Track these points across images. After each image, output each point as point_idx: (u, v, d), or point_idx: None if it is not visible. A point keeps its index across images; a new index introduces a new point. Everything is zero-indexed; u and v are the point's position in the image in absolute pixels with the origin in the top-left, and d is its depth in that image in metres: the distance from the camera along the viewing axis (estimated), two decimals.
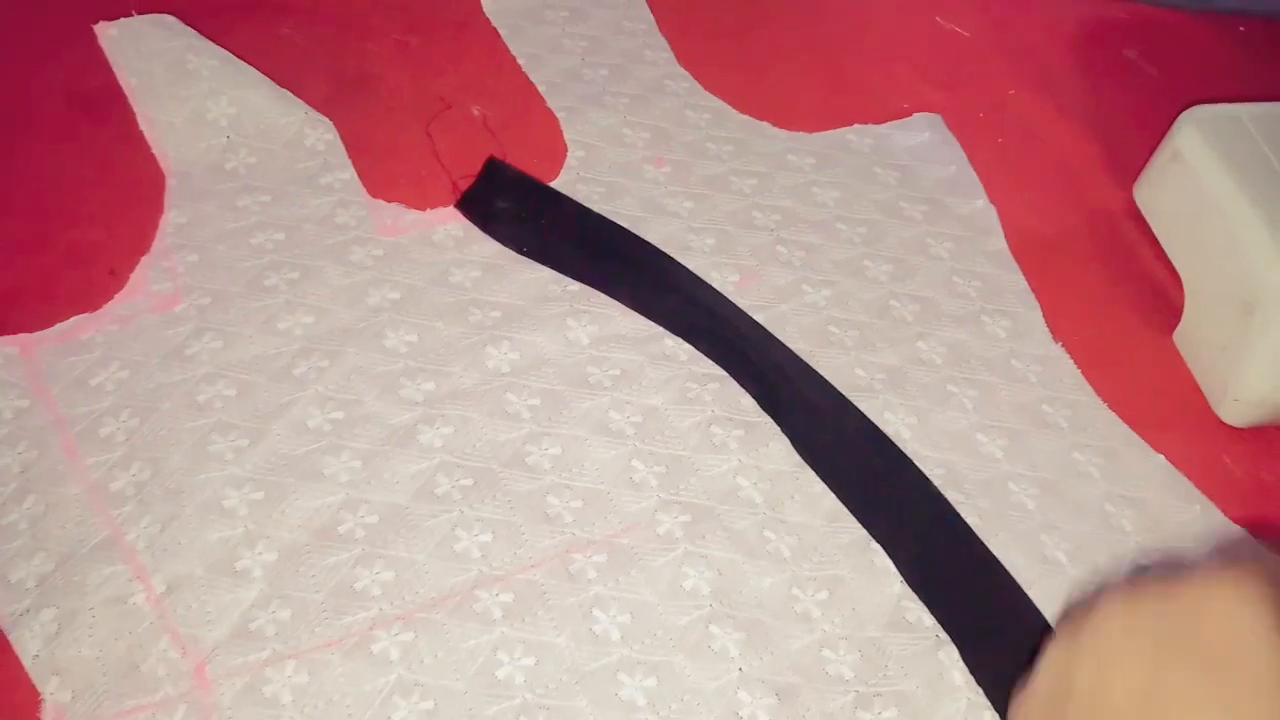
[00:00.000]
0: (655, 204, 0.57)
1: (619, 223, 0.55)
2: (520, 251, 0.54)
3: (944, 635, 0.44)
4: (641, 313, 0.52)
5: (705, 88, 0.63)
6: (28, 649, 0.39)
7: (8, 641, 0.39)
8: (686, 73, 0.64)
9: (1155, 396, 0.54)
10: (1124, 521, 0.49)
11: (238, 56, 0.58)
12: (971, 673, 0.43)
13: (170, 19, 0.58)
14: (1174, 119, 0.58)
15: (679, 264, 0.54)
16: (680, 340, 0.51)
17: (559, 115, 0.60)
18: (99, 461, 0.44)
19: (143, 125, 0.55)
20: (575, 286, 0.53)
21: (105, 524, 0.42)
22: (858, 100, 0.65)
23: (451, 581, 0.42)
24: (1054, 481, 0.49)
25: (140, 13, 0.58)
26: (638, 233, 0.55)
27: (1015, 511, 0.48)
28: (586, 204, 0.56)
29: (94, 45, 0.57)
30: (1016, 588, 0.45)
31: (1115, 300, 0.57)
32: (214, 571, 0.41)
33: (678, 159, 0.59)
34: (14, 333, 0.47)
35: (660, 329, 0.51)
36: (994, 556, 0.46)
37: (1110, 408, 0.53)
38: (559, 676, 0.41)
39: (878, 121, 0.64)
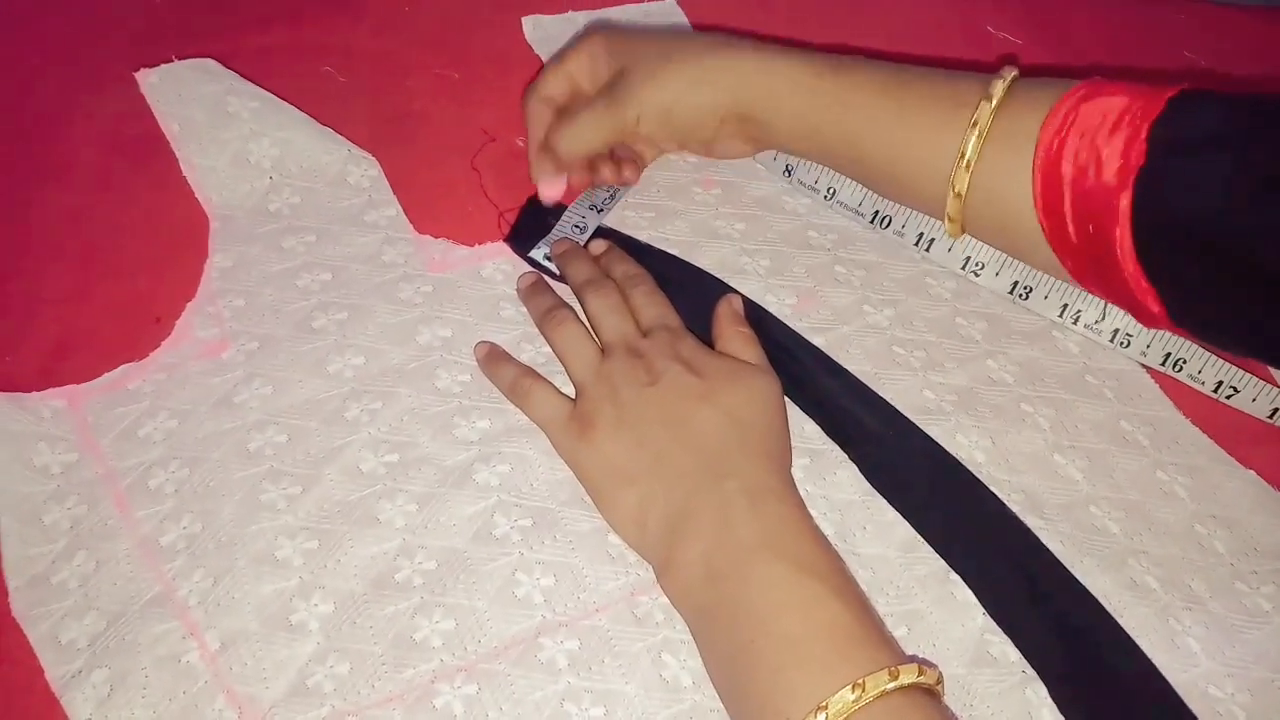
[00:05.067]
0: (706, 227, 0.55)
1: (669, 248, 0.54)
2: (566, 283, 0.52)
3: (1031, 671, 0.41)
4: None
5: None
6: (80, 712, 0.38)
7: (60, 705, 0.38)
8: None
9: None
10: (1216, 543, 0.46)
11: (279, 97, 0.57)
12: (1061, 712, 0.41)
13: (210, 63, 0.57)
14: None
15: (732, 289, 0.52)
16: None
17: None
18: (149, 514, 0.43)
19: (185, 170, 0.54)
20: None
21: (157, 579, 0.41)
22: None
23: (514, 629, 0.41)
24: (1138, 503, 0.47)
25: (180, 58, 0.57)
26: (689, 257, 0.54)
27: (1099, 536, 0.46)
28: (635, 230, 0.55)
29: (133, 92, 0.56)
30: (1106, 617, 0.43)
31: None
32: (269, 626, 0.40)
33: (726, 179, 0.58)
34: (61, 385, 0.46)
35: None
36: (1081, 584, 0.44)
37: (1193, 422, 0.50)
38: None
39: None
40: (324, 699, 0.38)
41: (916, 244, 0.54)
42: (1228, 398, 0.50)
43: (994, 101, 0.45)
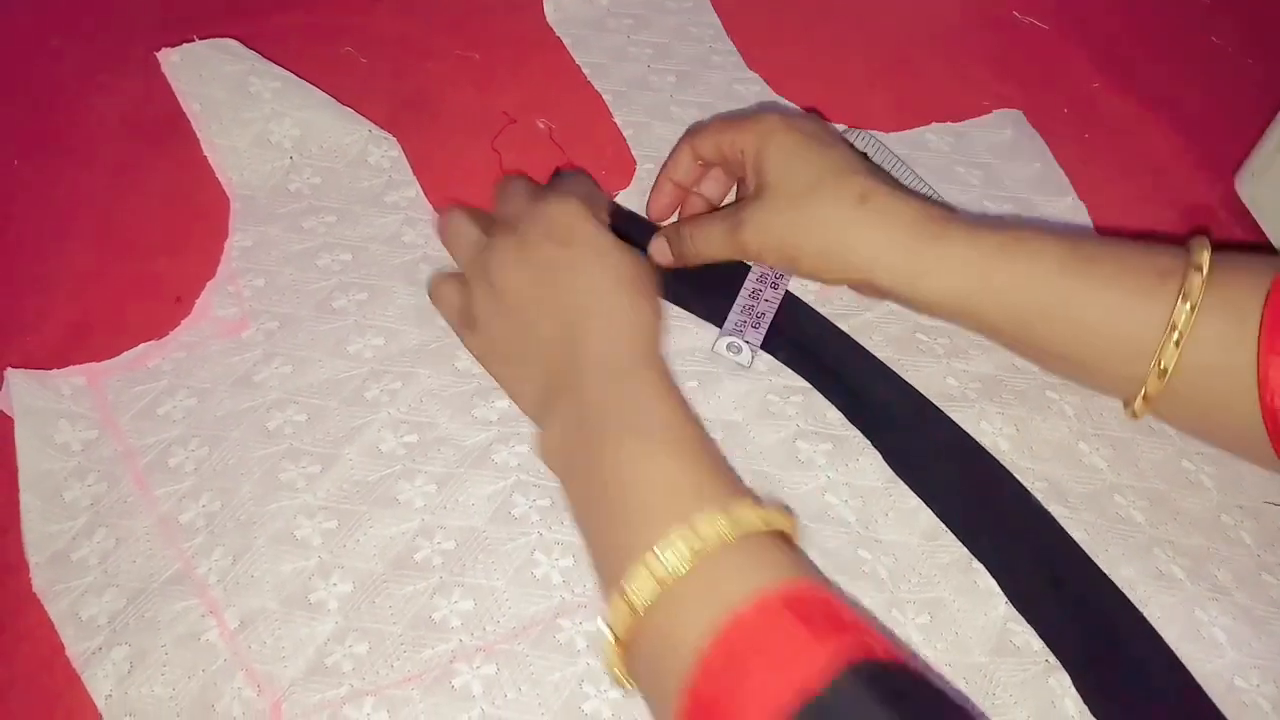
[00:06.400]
0: None
1: None
2: None
3: (1054, 660, 0.41)
4: (716, 324, 0.50)
5: (776, 90, 0.61)
6: (100, 689, 0.38)
7: (80, 681, 0.38)
8: (756, 75, 0.62)
9: None
10: (1243, 533, 0.45)
11: (300, 78, 0.57)
12: (1085, 701, 0.40)
13: (231, 43, 0.57)
14: (1269, 106, 0.55)
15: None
16: (760, 351, 0.49)
17: (625, 131, 0.59)
18: (168, 492, 0.43)
19: (206, 149, 0.54)
20: None
21: (176, 557, 0.41)
22: (934, 98, 0.63)
23: (532, 610, 0.40)
24: (1164, 492, 0.46)
25: (201, 38, 0.57)
26: None
27: (1124, 525, 0.45)
28: None
29: (154, 72, 0.56)
30: (1130, 606, 0.42)
31: None
32: (288, 605, 0.40)
33: None
34: (81, 362, 0.46)
35: None
36: (1104, 574, 0.43)
37: None
38: (647, 710, 0.38)
39: (956, 120, 0.61)
40: (343, 678, 0.38)
41: None
42: None
43: (1203, 272, 0.41)
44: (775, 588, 0.33)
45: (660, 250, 0.51)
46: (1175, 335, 0.41)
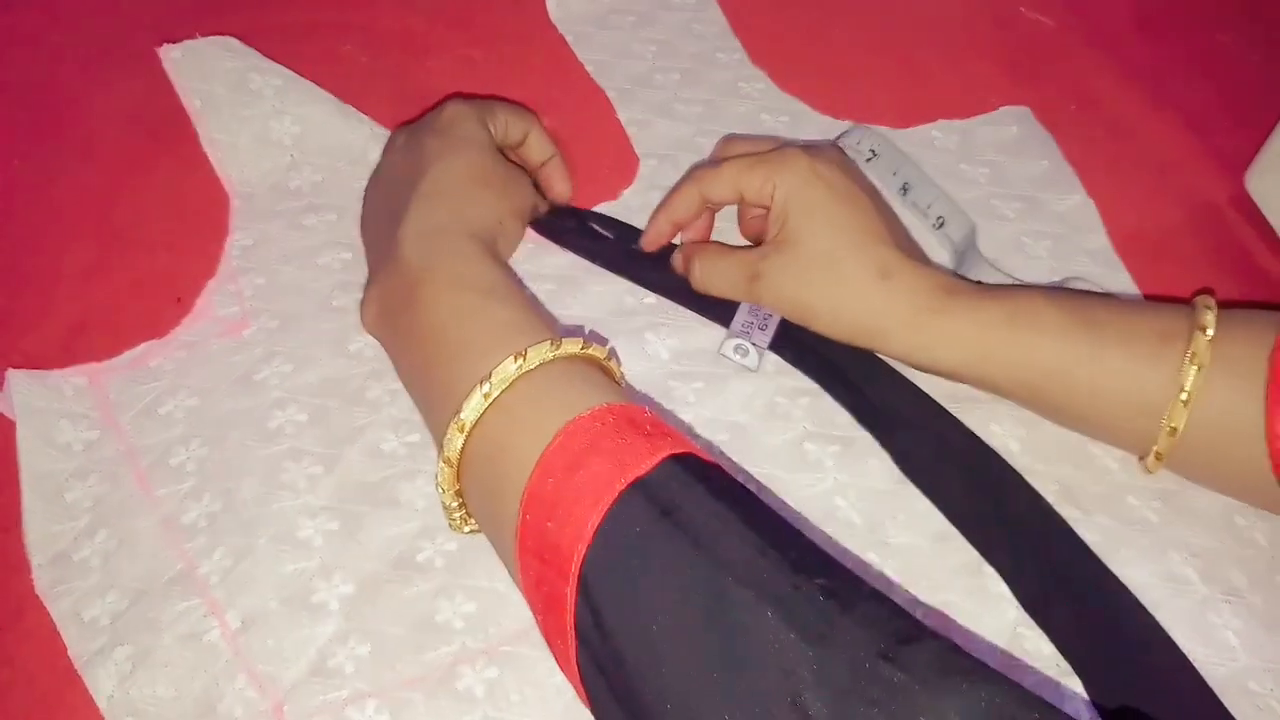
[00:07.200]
0: (734, 211, 0.54)
1: None
2: (595, 261, 0.52)
3: (1065, 665, 0.41)
4: (723, 324, 0.49)
5: (781, 88, 0.61)
6: (102, 689, 0.37)
7: (82, 682, 0.38)
8: (761, 73, 0.62)
9: None
10: (1256, 535, 0.45)
11: (301, 76, 0.56)
12: (1095, 705, 0.40)
13: (232, 41, 0.57)
14: (1278, 103, 0.54)
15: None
16: (767, 353, 0.49)
17: (629, 129, 0.58)
18: (170, 493, 0.42)
19: (206, 147, 0.54)
20: (652, 299, 0.51)
21: (178, 558, 0.41)
22: (940, 96, 0.62)
23: None
24: (1176, 493, 0.46)
25: (203, 35, 0.57)
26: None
27: (1137, 526, 0.45)
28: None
29: (156, 68, 0.56)
30: (1142, 610, 0.42)
31: (1228, 295, 0.53)
32: (290, 605, 0.40)
33: None
34: (83, 362, 0.46)
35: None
36: (1116, 577, 0.43)
37: None
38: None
39: (962, 117, 0.61)
40: (345, 680, 0.38)
41: None
42: None
43: (1208, 333, 0.42)
44: (607, 404, 0.35)
45: (678, 262, 0.51)
46: (1184, 396, 0.42)
